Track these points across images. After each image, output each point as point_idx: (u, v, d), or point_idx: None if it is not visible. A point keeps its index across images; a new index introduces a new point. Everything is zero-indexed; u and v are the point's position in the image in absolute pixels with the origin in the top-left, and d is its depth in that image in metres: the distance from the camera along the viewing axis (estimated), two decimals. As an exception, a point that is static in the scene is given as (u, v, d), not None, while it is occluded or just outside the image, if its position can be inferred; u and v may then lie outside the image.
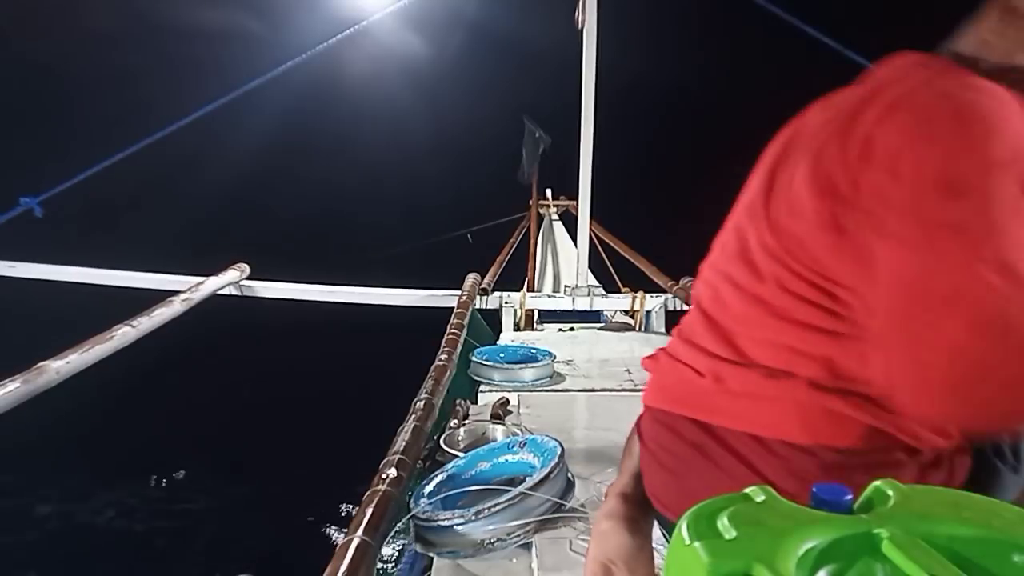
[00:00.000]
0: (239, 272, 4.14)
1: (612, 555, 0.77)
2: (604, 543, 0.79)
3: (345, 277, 4.45)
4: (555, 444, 1.75)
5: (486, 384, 2.78)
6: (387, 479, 1.54)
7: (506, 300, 4.15)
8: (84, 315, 3.21)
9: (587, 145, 4.08)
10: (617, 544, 0.78)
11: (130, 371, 4.07)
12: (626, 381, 2.92)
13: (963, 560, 0.37)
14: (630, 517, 0.80)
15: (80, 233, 9.64)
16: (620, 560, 0.77)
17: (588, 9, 3.92)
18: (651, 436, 0.84)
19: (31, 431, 4.08)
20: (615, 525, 0.79)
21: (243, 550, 5.73)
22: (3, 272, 4.15)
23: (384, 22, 4.58)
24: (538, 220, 8.22)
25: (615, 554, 0.77)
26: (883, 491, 0.44)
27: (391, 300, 4.35)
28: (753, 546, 0.39)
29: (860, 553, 0.39)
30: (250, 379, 8.60)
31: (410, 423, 1.87)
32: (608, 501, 0.85)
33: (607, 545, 0.78)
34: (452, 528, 1.49)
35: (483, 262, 4.91)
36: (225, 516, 6.16)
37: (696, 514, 0.43)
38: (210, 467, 6.71)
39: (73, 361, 2.46)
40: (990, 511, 0.42)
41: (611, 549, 0.78)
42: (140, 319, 2.96)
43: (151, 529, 6.03)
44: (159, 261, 4.38)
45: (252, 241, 9.90)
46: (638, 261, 5.18)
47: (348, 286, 4.37)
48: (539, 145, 8.48)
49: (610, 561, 0.77)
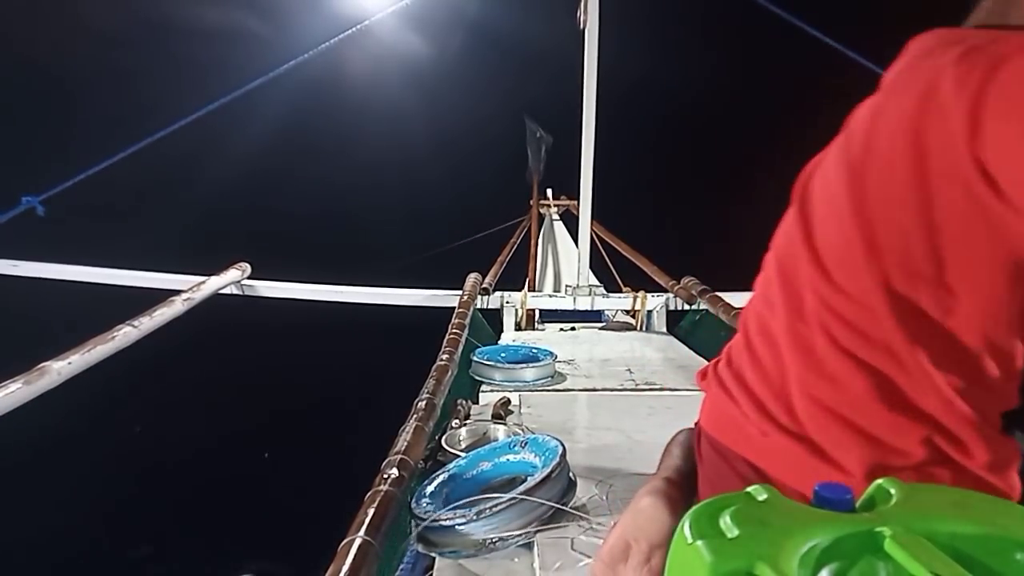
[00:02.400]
0: (240, 272, 4.14)
1: (640, 532, 0.75)
2: (638, 517, 0.77)
3: (346, 276, 4.45)
4: (556, 444, 1.75)
5: (487, 384, 2.78)
6: (389, 479, 1.54)
7: (507, 300, 4.15)
8: (85, 315, 3.21)
9: (588, 145, 4.08)
10: (650, 520, 0.76)
11: (131, 370, 4.08)
12: (627, 381, 2.92)
13: (965, 558, 0.37)
14: (674, 498, 0.78)
15: (82, 232, 9.64)
16: (645, 538, 0.75)
17: (590, 9, 3.92)
18: (707, 459, 0.82)
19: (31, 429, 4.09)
20: (656, 502, 0.78)
21: (243, 549, 5.74)
22: (6, 271, 4.15)
23: (385, 22, 4.58)
24: (539, 220, 8.21)
25: (644, 531, 0.75)
26: (885, 489, 0.44)
27: (392, 300, 4.36)
28: (756, 545, 0.39)
29: (863, 551, 0.39)
30: (251, 378, 8.60)
31: (411, 423, 1.87)
32: (652, 481, 0.82)
33: (640, 519, 0.77)
34: (454, 528, 1.50)
35: (484, 262, 4.91)
36: (225, 515, 6.16)
37: (698, 513, 0.43)
38: (210, 467, 6.71)
39: (75, 362, 2.46)
40: (992, 509, 0.42)
41: (643, 524, 0.76)
42: (141, 319, 2.96)
43: (150, 529, 6.03)
44: (160, 260, 4.38)
45: (253, 240, 9.90)
46: (639, 261, 5.18)
47: (350, 286, 4.37)
48: (541, 145, 8.48)
49: (634, 538, 0.75)
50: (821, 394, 0.66)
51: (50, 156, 9.70)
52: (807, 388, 0.67)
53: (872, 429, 0.64)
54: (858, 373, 0.64)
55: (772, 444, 0.70)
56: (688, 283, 3.99)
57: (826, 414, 0.66)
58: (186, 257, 4.59)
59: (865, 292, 0.62)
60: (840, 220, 0.64)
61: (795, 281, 0.69)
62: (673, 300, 4.09)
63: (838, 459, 0.65)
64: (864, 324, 0.62)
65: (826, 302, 0.65)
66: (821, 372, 0.66)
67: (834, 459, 0.66)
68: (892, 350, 0.61)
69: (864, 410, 0.64)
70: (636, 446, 2.13)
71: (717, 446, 0.78)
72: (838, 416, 0.65)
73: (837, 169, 0.66)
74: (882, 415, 0.63)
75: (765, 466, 0.71)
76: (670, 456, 0.88)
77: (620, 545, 0.76)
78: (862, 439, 0.64)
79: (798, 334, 0.68)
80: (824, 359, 0.66)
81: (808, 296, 0.67)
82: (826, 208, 0.67)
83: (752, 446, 0.73)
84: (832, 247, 0.65)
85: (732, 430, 0.76)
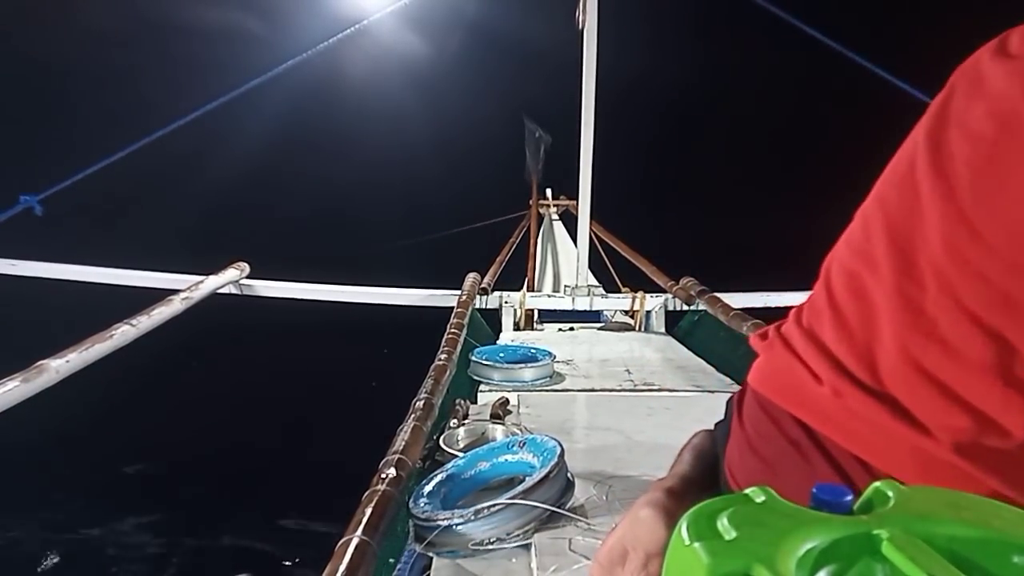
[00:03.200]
0: (239, 271, 4.14)
1: (637, 541, 0.75)
2: (636, 527, 0.77)
3: (345, 276, 4.45)
4: (555, 444, 1.75)
5: (486, 384, 2.78)
6: (386, 479, 1.54)
7: (506, 300, 4.15)
8: (84, 314, 3.21)
9: (587, 145, 4.08)
10: (649, 531, 0.76)
11: (129, 370, 4.08)
12: (626, 381, 2.93)
13: (963, 561, 0.37)
14: (672, 512, 0.78)
15: (80, 231, 9.65)
16: (643, 548, 0.75)
17: (588, 9, 3.92)
18: (751, 420, 0.78)
19: (30, 429, 4.09)
20: (654, 514, 0.77)
21: (241, 549, 5.74)
22: (3, 270, 4.15)
23: (384, 22, 4.58)
24: (538, 220, 8.22)
25: (641, 541, 0.75)
26: (883, 492, 0.44)
27: (391, 300, 4.36)
28: (753, 547, 0.39)
29: (860, 554, 0.39)
30: (249, 377, 8.60)
31: (410, 423, 1.87)
32: (653, 492, 0.82)
33: (638, 530, 0.76)
34: (452, 528, 1.49)
35: (483, 259, 4.92)
36: (224, 515, 6.16)
37: (696, 514, 0.43)
38: (209, 466, 6.71)
39: (73, 360, 2.46)
40: (990, 512, 0.42)
41: (641, 535, 0.76)
42: (140, 318, 2.96)
43: (149, 528, 6.03)
44: (159, 260, 4.39)
45: (252, 240, 9.92)
46: (638, 261, 5.18)
47: (348, 285, 4.37)
48: (540, 145, 8.49)
49: (631, 546, 0.76)
50: (924, 357, 0.61)
51: (48, 156, 9.70)
52: (907, 350, 0.62)
53: (977, 400, 0.59)
54: (977, 336, 0.58)
55: (845, 405, 0.65)
56: (687, 284, 3.99)
57: (923, 378, 0.61)
58: (184, 256, 4.59)
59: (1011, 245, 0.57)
60: (990, 168, 0.60)
61: (911, 240, 0.64)
62: (672, 301, 4.09)
63: (927, 423, 0.60)
64: (1005, 282, 0.57)
65: (960, 256, 0.60)
66: (931, 334, 0.60)
67: (922, 423, 0.60)
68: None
69: (974, 378, 0.59)
70: (635, 446, 2.13)
71: (768, 407, 0.73)
72: (938, 382, 0.60)
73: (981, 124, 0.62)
74: (994, 387, 0.58)
75: (828, 430, 0.66)
76: (680, 462, 0.87)
77: (618, 549, 0.76)
78: (962, 408, 0.59)
79: (906, 295, 0.63)
80: (936, 319, 0.60)
81: (936, 253, 0.62)
82: (973, 160, 0.62)
83: (816, 407, 0.68)
84: (995, 206, 0.60)
85: (793, 390, 0.71)
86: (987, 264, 0.59)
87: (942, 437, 0.60)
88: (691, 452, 0.88)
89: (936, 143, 0.66)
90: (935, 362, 0.60)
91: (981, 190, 0.61)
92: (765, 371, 0.78)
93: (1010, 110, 0.61)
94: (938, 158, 0.65)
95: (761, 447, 0.74)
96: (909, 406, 0.62)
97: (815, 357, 0.69)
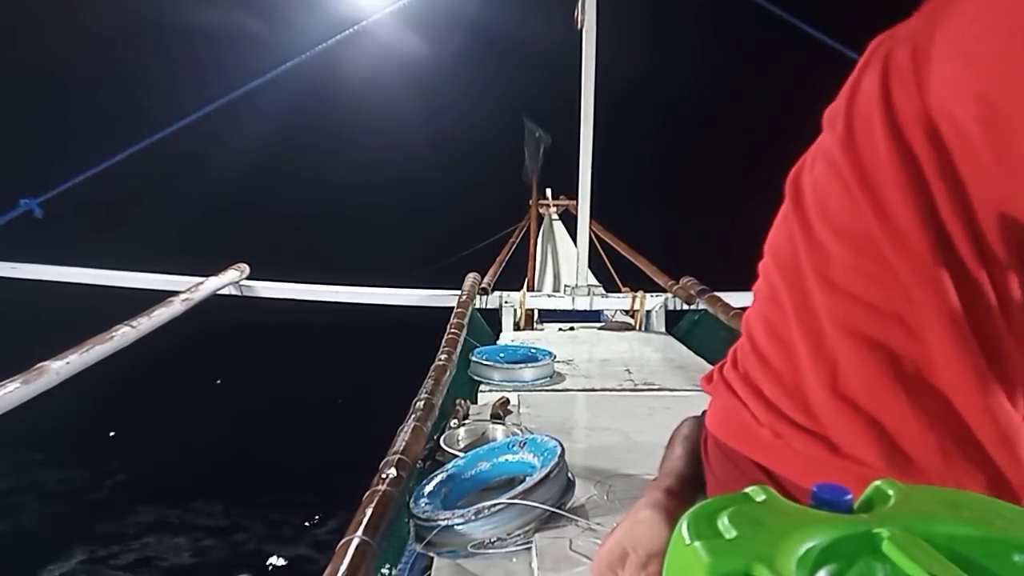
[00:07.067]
0: (239, 272, 4.14)
1: (637, 542, 0.75)
2: (636, 528, 0.77)
3: (345, 276, 4.45)
4: (555, 444, 1.75)
5: (486, 384, 2.78)
6: (387, 479, 1.54)
7: (506, 300, 4.15)
8: (84, 315, 3.21)
9: (587, 145, 4.08)
10: (649, 533, 0.76)
11: (130, 371, 4.08)
12: (626, 381, 2.93)
13: (963, 560, 0.37)
14: (672, 513, 0.78)
15: (80, 234, 9.65)
16: (643, 549, 0.75)
17: (587, 9, 3.92)
18: (715, 462, 0.81)
19: (30, 430, 4.09)
20: (655, 515, 0.77)
21: (241, 550, 5.74)
22: (4, 273, 4.15)
23: (384, 22, 4.58)
24: (538, 220, 8.22)
25: (641, 542, 0.75)
26: (883, 490, 0.44)
27: (391, 300, 4.36)
28: (753, 546, 0.39)
29: (860, 553, 0.39)
30: (250, 378, 8.61)
31: (410, 423, 1.87)
32: (651, 493, 0.82)
33: (638, 530, 0.76)
34: (452, 528, 1.49)
35: (483, 262, 4.91)
36: (224, 516, 6.16)
37: (696, 514, 0.43)
38: (209, 466, 6.71)
39: (73, 361, 2.46)
40: (990, 510, 0.42)
41: (640, 536, 0.76)
42: (140, 319, 2.96)
43: (148, 528, 6.03)
44: (159, 261, 4.39)
45: (252, 241, 9.92)
46: (638, 261, 5.18)
47: (348, 286, 4.37)
48: (539, 145, 8.49)
49: (632, 547, 0.76)
50: (840, 385, 0.62)
51: (48, 158, 9.70)
52: (826, 382, 0.63)
53: (881, 415, 0.60)
54: (866, 354, 0.60)
55: (786, 444, 0.67)
56: (687, 283, 3.99)
57: (849, 407, 0.62)
58: (185, 257, 4.59)
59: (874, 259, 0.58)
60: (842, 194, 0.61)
61: (798, 272, 0.66)
62: (672, 300, 4.09)
63: (859, 455, 0.62)
64: (873, 295, 0.59)
65: (823, 276, 0.62)
66: (833, 360, 0.62)
67: (851, 455, 0.62)
68: (902, 318, 0.58)
69: (872, 393, 0.60)
70: (635, 446, 2.13)
71: (726, 450, 0.76)
72: (860, 408, 0.61)
73: (826, 153, 0.63)
74: (892, 397, 0.59)
75: (780, 470, 0.69)
76: (673, 455, 0.87)
77: (618, 550, 0.76)
78: (880, 433, 0.60)
79: (806, 324, 0.65)
80: (834, 345, 0.62)
81: (812, 282, 0.64)
82: (824, 187, 0.63)
83: (764, 449, 0.70)
84: (837, 223, 0.61)
85: (742, 434, 0.74)
86: (845, 278, 0.60)
87: (877, 465, 0.60)
88: (683, 444, 0.88)
89: (797, 179, 0.68)
90: (851, 388, 0.61)
91: (819, 205, 0.63)
92: (718, 415, 0.79)
93: (832, 113, 0.63)
94: (799, 195, 0.67)
95: (729, 487, 0.75)
96: (835, 438, 0.63)
97: (752, 400, 0.71)
